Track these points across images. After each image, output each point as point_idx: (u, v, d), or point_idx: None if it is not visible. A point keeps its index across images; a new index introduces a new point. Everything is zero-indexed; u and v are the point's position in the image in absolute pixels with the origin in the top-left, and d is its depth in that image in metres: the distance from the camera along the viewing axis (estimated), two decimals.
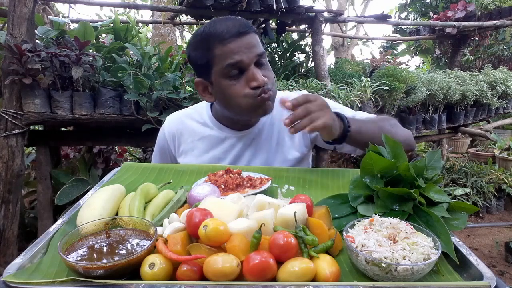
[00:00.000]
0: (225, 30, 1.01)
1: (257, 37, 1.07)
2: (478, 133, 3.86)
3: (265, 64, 1.08)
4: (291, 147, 1.23)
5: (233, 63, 1.01)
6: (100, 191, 0.84)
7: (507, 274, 2.80)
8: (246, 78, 1.04)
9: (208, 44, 1.03)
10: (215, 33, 1.02)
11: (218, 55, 1.02)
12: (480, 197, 3.86)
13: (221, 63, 1.03)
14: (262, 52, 1.06)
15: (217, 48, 1.02)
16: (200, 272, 0.58)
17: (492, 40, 5.81)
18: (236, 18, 1.06)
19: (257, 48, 1.04)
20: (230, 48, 1.01)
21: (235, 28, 1.01)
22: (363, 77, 2.67)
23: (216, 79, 1.07)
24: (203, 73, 1.09)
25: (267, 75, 1.07)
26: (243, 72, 1.04)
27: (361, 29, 8.76)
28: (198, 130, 1.25)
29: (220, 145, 1.22)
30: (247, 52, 1.02)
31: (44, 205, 2.23)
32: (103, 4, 3.14)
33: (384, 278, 0.58)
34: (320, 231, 0.66)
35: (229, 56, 1.01)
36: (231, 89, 1.05)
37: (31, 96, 1.92)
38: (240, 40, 1.01)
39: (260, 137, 1.22)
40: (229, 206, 0.71)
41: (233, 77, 1.04)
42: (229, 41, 1.01)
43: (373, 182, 0.81)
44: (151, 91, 2.05)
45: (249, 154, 1.22)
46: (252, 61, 1.03)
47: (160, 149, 1.33)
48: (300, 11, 2.55)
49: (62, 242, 0.62)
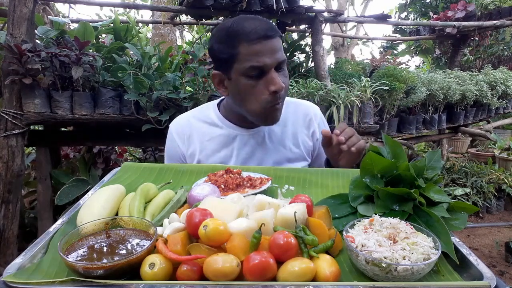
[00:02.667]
0: (253, 31, 1.02)
1: (281, 42, 1.08)
2: (478, 133, 3.86)
3: (284, 70, 1.10)
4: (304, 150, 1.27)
5: (257, 65, 1.02)
6: (100, 191, 0.84)
7: (507, 274, 2.80)
8: (265, 81, 1.05)
9: (234, 41, 1.03)
10: (242, 32, 1.02)
11: (243, 54, 1.03)
12: (480, 197, 3.86)
13: (245, 63, 1.03)
14: (284, 59, 1.08)
15: (243, 47, 1.02)
16: (200, 272, 0.58)
17: (492, 40, 5.81)
18: (264, 20, 1.07)
19: (280, 54, 1.06)
20: (256, 50, 1.02)
21: (263, 30, 1.02)
22: (363, 77, 2.67)
23: (236, 76, 1.07)
24: (223, 67, 1.10)
25: (284, 82, 1.08)
26: (263, 74, 1.05)
27: (361, 29, 8.75)
28: (207, 130, 1.24)
29: (231, 144, 1.22)
30: (271, 56, 1.03)
31: (44, 205, 2.23)
32: (103, 4, 3.14)
33: (384, 278, 0.58)
34: (320, 231, 0.66)
35: (254, 57, 1.02)
36: (249, 89, 1.06)
37: (31, 96, 1.92)
38: (266, 43, 1.02)
39: (272, 136, 1.24)
40: (229, 206, 0.71)
41: (252, 77, 1.05)
42: (255, 42, 1.01)
43: (373, 182, 0.81)
44: (151, 91, 2.05)
45: (262, 153, 1.22)
46: (274, 65, 1.04)
47: (171, 155, 1.30)
48: (300, 11, 2.55)
49: (62, 242, 0.62)
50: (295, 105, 1.29)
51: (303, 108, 1.30)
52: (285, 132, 1.25)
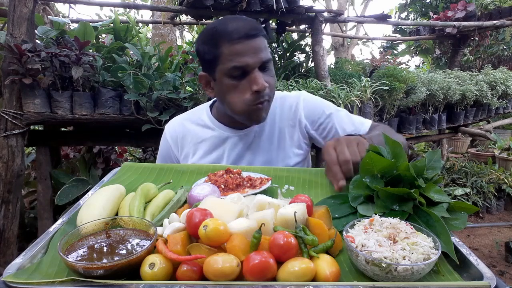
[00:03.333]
0: (235, 30, 1.01)
1: (265, 41, 1.07)
2: (478, 133, 3.86)
3: (269, 70, 1.09)
4: (291, 145, 1.24)
5: (239, 65, 1.02)
6: (100, 191, 0.84)
7: (507, 274, 2.80)
8: (248, 81, 1.04)
9: (217, 41, 1.04)
10: (224, 32, 1.02)
11: (225, 54, 1.03)
12: (480, 197, 3.86)
13: (227, 63, 1.03)
14: (268, 59, 1.07)
15: (225, 47, 1.02)
16: (200, 272, 0.58)
17: (492, 40, 5.81)
18: (248, 19, 1.07)
19: (263, 53, 1.05)
20: (238, 50, 1.01)
21: (245, 29, 1.02)
22: (363, 77, 2.66)
23: (219, 77, 1.07)
24: (209, 68, 1.11)
25: (269, 81, 1.07)
26: (246, 74, 1.04)
27: (361, 29, 8.75)
28: (199, 133, 1.25)
29: (222, 145, 1.23)
30: (253, 56, 1.02)
31: (44, 205, 2.23)
32: (103, 4, 3.13)
33: (384, 278, 0.58)
34: (320, 231, 0.66)
35: (236, 57, 1.02)
36: (232, 89, 1.06)
37: (31, 96, 1.92)
38: (248, 42, 1.02)
39: (261, 135, 1.23)
40: (229, 206, 0.71)
41: (236, 77, 1.05)
42: (237, 42, 1.01)
43: (373, 182, 0.81)
44: (151, 91, 2.05)
45: (251, 153, 1.23)
46: (257, 65, 1.04)
47: (164, 157, 1.32)
48: (300, 11, 2.55)
49: (62, 242, 0.62)
50: (281, 100, 1.27)
51: (288, 101, 1.27)
52: (273, 130, 1.24)
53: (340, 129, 1.23)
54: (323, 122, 1.24)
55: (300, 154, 1.25)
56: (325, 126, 1.24)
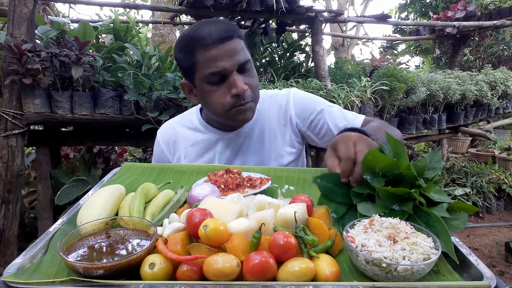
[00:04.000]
0: (208, 36, 1.00)
1: (241, 42, 1.06)
2: (478, 133, 3.86)
3: (248, 70, 1.07)
4: (283, 144, 1.22)
5: (216, 71, 1.01)
6: (100, 191, 0.84)
7: (507, 274, 2.80)
8: (227, 85, 1.04)
9: (191, 48, 1.03)
10: (198, 38, 1.01)
11: (201, 61, 1.02)
12: (480, 197, 3.86)
13: (204, 70, 1.02)
14: (246, 60, 1.05)
15: (200, 54, 1.02)
16: (200, 272, 0.58)
17: (492, 40, 5.81)
18: (221, 22, 1.05)
19: (240, 55, 1.03)
20: (212, 55, 1.00)
21: (218, 33, 1.00)
22: (363, 77, 2.67)
23: (199, 83, 1.07)
24: (188, 75, 1.10)
25: (249, 82, 1.06)
26: (225, 78, 1.03)
27: (361, 29, 8.75)
28: (190, 136, 1.25)
29: (213, 148, 1.22)
30: (229, 59, 1.01)
31: (44, 205, 2.23)
32: (103, 4, 3.13)
33: (384, 278, 0.58)
34: (320, 231, 0.66)
35: (211, 63, 1.01)
36: (212, 95, 1.06)
37: (31, 96, 1.92)
38: (222, 46, 1.00)
39: (252, 136, 1.22)
40: (229, 206, 0.71)
41: (214, 83, 1.04)
42: (211, 47, 1.00)
43: (374, 180, 0.80)
44: (151, 91, 2.05)
45: (242, 155, 1.22)
46: (234, 68, 1.02)
47: (158, 160, 1.33)
48: (300, 11, 2.55)
49: (62, 242, 0.62)
50: (270, 99, 1.26)
51: (278, 99, 1.25)
52: (263, 130, 1.22)
53: (332, 125, 1.20)
54: (315, 118, 1.21)
55: (293, 152, 1.23)
56: (316, 122, 1.21)
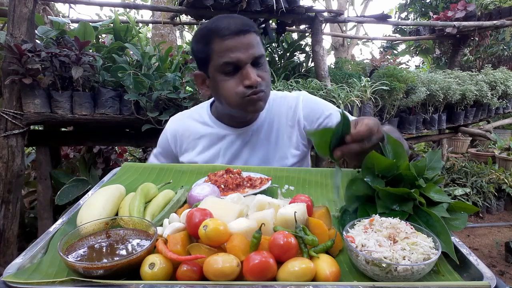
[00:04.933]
0: (226, 27, 1.03)
1: (257, 37, 1.09)
2: (478, 133, 3.86)
3: (262, 65, 1.10)
4: (289, 145, 1.24)
5: (230, 61, 1.04)
6: (100, 191, 0.84)
7: (507, 274, 2.79)
8: (241, 76, 1.06)
9: (209, 39, 1.06)
10: (216, 29, 1.05)
11: (216, 51, 1.05)
12: (480, 197, 3.86)
13: (219, 59, 1.05)
14: (260, 54, 1.08)
15: (216, 44, 1.05)
16: (200, 272, 0.58)
17: (492, 40, 5.81)
18: (239, 17, 1.09)
19: (255, 49, 1.06)
20: (228, 46, 1.03)
21: (236, 26, 1.04)
22: (363, 77, 2.66)
23: (213, 73, 1.10)
24: (202, 66, 1.13)
25: (262, 76, 1.09)
26: (239, 69, 1.06)
27: (361, 29, 8.75)
28: (198, 129, 1.27)
29: (219, 142, 1.24)
30: (244, 51, 1.04)
31: (44, 205, 2.23)
32: (103, 4, 3.13)
33: (384, 278, 0.58)
34: (320, 231, 0.66)
35: (227, 53, 1.04)
36: (224, 84, 1.08)
37: (31, 96, 1.92)
38: (239, 38, 1.03)
39: (259, 134, 1.24)
40: (229, 206, 0.71)
41: (228, 73, 1.07)
42: (228, 38, 1.03)
43: (374, 182, 0.80)
44: (151, 91, 2.05)
45: (248, 151, 1.23)
46: (249, 60, 1.05)
47: (162, 150, 1.35)
48: (300, 11, 2.55)
49: (62, 242, 0.62)
50: (280, 100, 1.28)
51: (287, 101, 1.27)
52: (271, 129, 1.25)
53: None
54: (323, 122, 1.24)
55: (297, 155, 1.24)
56: (324, 126, 1.24)
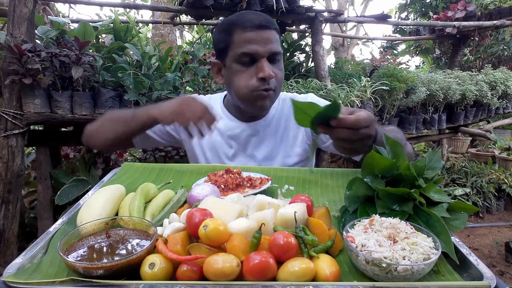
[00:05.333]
0: (249, 20, 1.08)
1: (277, 36, 1.13)
2: (478, 133, 3.86)
3: (278, 62, 1.14)
4: (294, 144, 1.27)
5: (248, 52, 1.08)
6: (100, 191, 0.84)
7: (507, 274, 2.79)
8: (255, 69, 1.10)
9: (231, 29, 1.11)
10: (239, 21, 1.10)
11: (236, 41, 1.09)
12: (480, 197, 3.86)
13: (238, 49, 1.09)
14: (278, 51, 1.12)
15: (237, 34, 1.09)
16: (200, 272, 0.58)
17: (492, 40, 5.81)
18: (263, 14, 1.14)
19: (274, 45, 1.10)
20: (248, 37, 1.08)
21: (258, 21, 1.09)
22: (363, 77, 2.66)
23: (229, 63, 1.14)
24: (221, 55, 1.17)
25: (276, 73, 1.12)
26: (255, 62, 1.10)
27: (361, 29, 8.75)
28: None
29: (225, 134, 1.27)
30: (263, 45, 1.08)
31: (44, 205, 2.23)
32: (103, 4, 3.13)
33: (384, 278, 0.58)
34: (320, 231, 0.66)
35: (246, 44, 1.08)
36: (239, 75, 1.12)
37: (31, 96, 1.92)
38: (259, 32, 1.08)
39: (266, 130, 1.27)
40: (229, 206, 0.71)
41: (244, 64, 1.10)
42: (249, 30, 1.08)
43: (374, 182, 0.80)
44: (151, 91, 2.05)
45: (254, 145, 1.26)
46: (265, 54, 1.09)
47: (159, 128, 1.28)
48: (300, 11, 2.55)
49: (62, 242, 0.62)
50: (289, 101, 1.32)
51: None
52: (278, 127, 1.27)
53: None
54: None
55: (301, 154, 1.27)
56: None
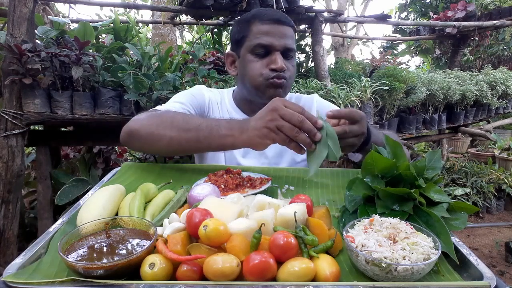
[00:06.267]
0: (267, 14, 1.14)
1: (293, 33, 1.17)
2: (478, 133, 3.86)
3: (290, 58, 1.17)
4: None
5: (263, 44, 1.11)
6: (100, 191, 0.84)
7: (507, 274, 2.79)
8: (269, 60, 1.13)
9: (249, 21, 1.16)
10: (258, 14, 1.15)
11: (254, 32, 1.14)
12: (480, 197, 3.86)
13: (253, 40, 1.13)
14: (292, 47, 1.15)
15: (255, 26, 1.14)
16: (200, 272, 0.58)
17: (492, 40, 5.81)
18: (282, 12, 1.18)
19: (289, 41, 1.14)
20: (265, 30, 1.12)
21: (277, 16, 1.14)
22: (363, 77, 2.66)
23: (244, 54, 1.17)
24: (236, 46, 1.21)
25: (288, 67, 1.15)
26: (268, 54, 1.13)
27: (361, 29, 8.76)
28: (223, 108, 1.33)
29: None
30: (278, 38, 1.12)
31: (44, 205, 2.23)
32: (103, 4, 3.13)
33: (384, 278, 0.58)
34: (320, 231, 0.66)
35: (262, 36, 1.12)
36: (252, 65, 1.14)
37: (31, 96, 1.92)
38: (277, 26, 1.12)
39: None
40: (229, 206, 0.71)
41: (258, 54, 1.14)
42: (266, 23, 1.12)
43: (374, 182, 0.80)
44: (151, 91, 2.05)
45: None
46: (280, 48, 1.12)
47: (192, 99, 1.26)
48: (300, 11, 2.55)
49: (62, 242, 0.62)
50: (296, 99, 1.37)
51: (303, 99, 1.36)
52: None
53: None
54: None
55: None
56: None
